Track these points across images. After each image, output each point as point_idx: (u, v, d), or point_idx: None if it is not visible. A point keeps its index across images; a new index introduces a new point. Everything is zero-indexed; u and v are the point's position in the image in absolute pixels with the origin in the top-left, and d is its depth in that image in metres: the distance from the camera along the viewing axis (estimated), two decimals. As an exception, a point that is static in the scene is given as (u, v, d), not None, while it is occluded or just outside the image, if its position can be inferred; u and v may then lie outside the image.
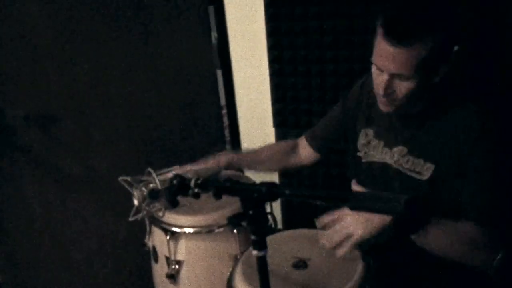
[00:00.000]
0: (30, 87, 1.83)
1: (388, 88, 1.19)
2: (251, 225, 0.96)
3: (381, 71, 1.19)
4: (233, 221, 0.98)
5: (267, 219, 1.70)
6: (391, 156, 1.34)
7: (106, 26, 1.94)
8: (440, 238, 1.16)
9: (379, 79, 1.21)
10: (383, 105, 1.26)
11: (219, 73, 2.20)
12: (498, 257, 1.22)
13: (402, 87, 1.18)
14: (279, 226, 1.94)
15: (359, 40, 1.85)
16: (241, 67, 2.16)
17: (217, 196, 1.03)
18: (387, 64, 1.15)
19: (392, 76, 1.17)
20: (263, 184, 0.95)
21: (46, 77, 1.85)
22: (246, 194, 0.97)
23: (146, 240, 1.77)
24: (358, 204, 0.86)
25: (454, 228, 1.18)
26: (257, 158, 1.68)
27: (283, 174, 2.15)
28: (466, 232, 1.18)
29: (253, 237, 0.97)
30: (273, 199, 0.95)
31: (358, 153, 1.45)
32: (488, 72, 1.59)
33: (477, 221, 1.18)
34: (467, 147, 1.18)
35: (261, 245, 0.97)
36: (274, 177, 2.10)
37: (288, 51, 1.96)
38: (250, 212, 0.96)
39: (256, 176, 1.70)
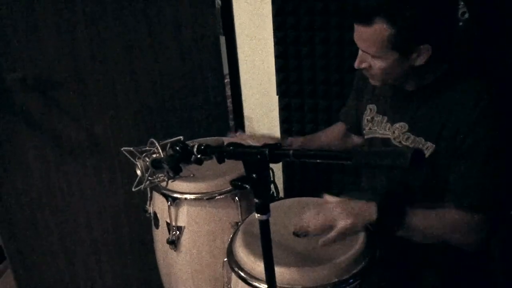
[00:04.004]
0: (26, 50, 1.79)
1: (362, 63, 1.26)
2: (254, 188, 0.95)
3: None
4: (236, 184, 0.96)
5: (271, 182, 1.71)
6: (392, 132, 1.34)
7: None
8: (420, 226, 1.20)
9: None
10: (369, 79, 1.32)
11: (222, 39, 2.15)
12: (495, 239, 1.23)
13: (375, 65, 1.23)
14: (281, 194, 1.93)
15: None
16: (245, 33, 2.11)
17: (220, 160, 1.02)
18: (357, 42, 1.24)
19: (365, 53, 1.24)
20: (266, 146, 0.93)
21: (44, 40, 1.81)
22: (249, 157, 0.96)
23: (147, 206, 1.77)
24: (362, 160, 0.84)
25: (432, 214, 1.21)
26: (323, 141, 1.69)
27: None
28: (446, 217, 1.20)
29: (256, 201, 0.95)
30: (277, 160, 0.93)
31: (363, 131, 1.45)
32: (492, 51, 1.54)
33: (459, 203, 1.19)
34: (466, 128, 1.17)
35: (264, 209, 0.95)
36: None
37: (293, 18, 1.92)
38: (254, 175, 0.94)
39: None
